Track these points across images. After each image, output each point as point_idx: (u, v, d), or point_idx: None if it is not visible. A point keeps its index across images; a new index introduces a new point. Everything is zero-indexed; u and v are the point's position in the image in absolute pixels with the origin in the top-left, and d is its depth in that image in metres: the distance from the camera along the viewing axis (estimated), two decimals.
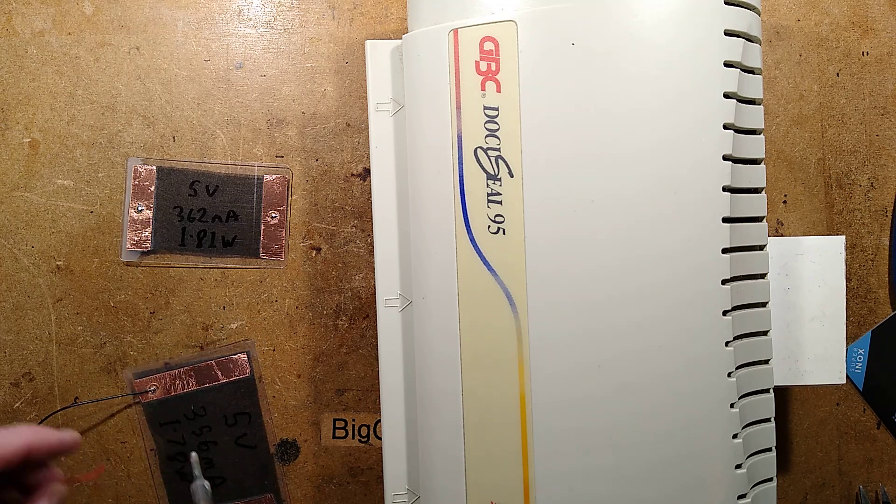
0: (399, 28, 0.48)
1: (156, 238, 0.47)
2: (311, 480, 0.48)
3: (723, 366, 0.37)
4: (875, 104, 0.49)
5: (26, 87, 0.47)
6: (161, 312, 0.48)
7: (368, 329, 0.48)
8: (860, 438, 0.49)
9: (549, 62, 0.37)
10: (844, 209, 0.49)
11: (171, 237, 0.47)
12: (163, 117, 0.48)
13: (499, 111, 0.37)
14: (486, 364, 0.38)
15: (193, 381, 0.47)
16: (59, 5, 0.48)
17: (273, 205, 0.47)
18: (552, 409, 0.37)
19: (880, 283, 0.49)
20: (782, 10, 0.49)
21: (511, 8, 0.37)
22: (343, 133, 0.48)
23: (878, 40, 0.49)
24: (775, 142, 0.49)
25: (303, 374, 0.48)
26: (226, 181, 0.47)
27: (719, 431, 0.37)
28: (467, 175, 0.38)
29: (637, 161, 0.36)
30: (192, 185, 0.47)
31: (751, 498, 0.38)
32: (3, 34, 0.48)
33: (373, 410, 0.48)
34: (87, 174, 0.48)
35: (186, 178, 0.47)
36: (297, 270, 0.48)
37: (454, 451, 0.39)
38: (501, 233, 0.37)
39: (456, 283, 0.38)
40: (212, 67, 0.48)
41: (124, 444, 0.48)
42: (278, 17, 0.48)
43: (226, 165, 0.48)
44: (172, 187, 0.47)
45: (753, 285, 0.39)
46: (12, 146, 0.48)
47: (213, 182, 0.47)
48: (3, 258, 0.47)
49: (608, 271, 0.37)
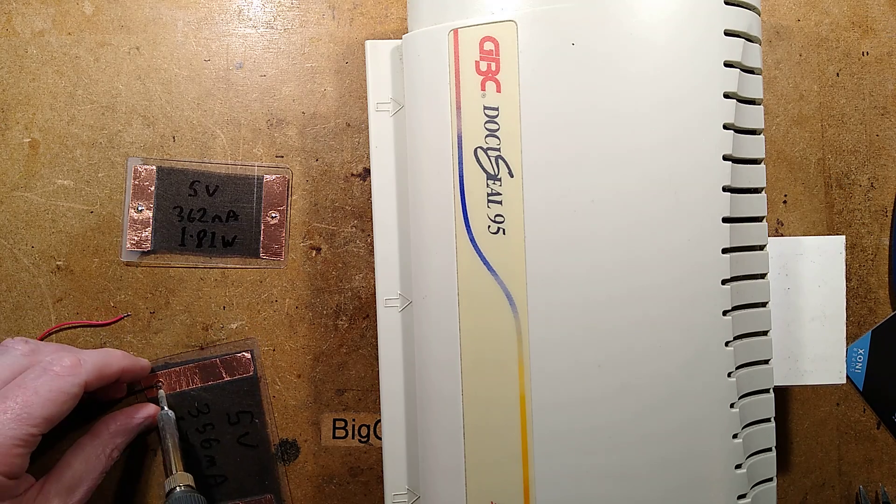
0: (399, 28, 0.48)
1: (156, 238, 0.47)
2: (311, 480, 0.48)
3: (723, 366, 0.37)
4: (875, 104, 0.49)
5: (26, 87, 0.47)
6: (161, 312, 0.48)
7: (368, 329, 0.48)
8: (860, 438, 0.49)
9: (549, 62, 0.37)
10: (844, 209, 0.49)
11: (171, 237, 0.47)
12: (163, 117, 0.48)
13: (499, 111, 0.37)
14: (486, 364, 0.38)
15: (198, 378, 0.47)
16: (59, 5, 0.48)
17: (273, 205, 0.47)
18: (552, 408, 0.37)
19: (880, 283, 0.49)
20: (782, 10, 0.49)
21: (511, 8, 0.37)
22: (343, 133, 0.48)
23: (878, 40, 0.49)
24: (775, 142, 0.49)
25: (303, 374, 0.48)
26: (226, 181, 0.47)
27: (719, 431, 0.37)
28: (467, 175, 0.38)
29: (637, 161, 0.36)
30: (192, 185, 0.47)
31: (751, 498, 0.38)
32: (3, 34, 0.48)
33: (373, 410, 0.48)
34: (87, 174, 0.48)
35: (186, 178, 0.47)
36: (297, 270, 0.48)
37: (454, 450, 0.39)
38: (501, 233, 0.37)
39: (456, 284, 0.38)
40: (212, 67, 0.48)
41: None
42: (278, 17, 0.48)
43: (226, 165, 0.48)
44: (172, 187, 0.47)
45: (753, 285, 0.39)
46: (12, 146, 0.48)
47: (213, 182, 0.47)
48: (3, 258, 0.47)
49: (608, 271, 0.37)
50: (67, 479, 0.40)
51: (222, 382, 0.47)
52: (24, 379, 0.38)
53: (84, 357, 0.40)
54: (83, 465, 0.41)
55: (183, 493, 0.42)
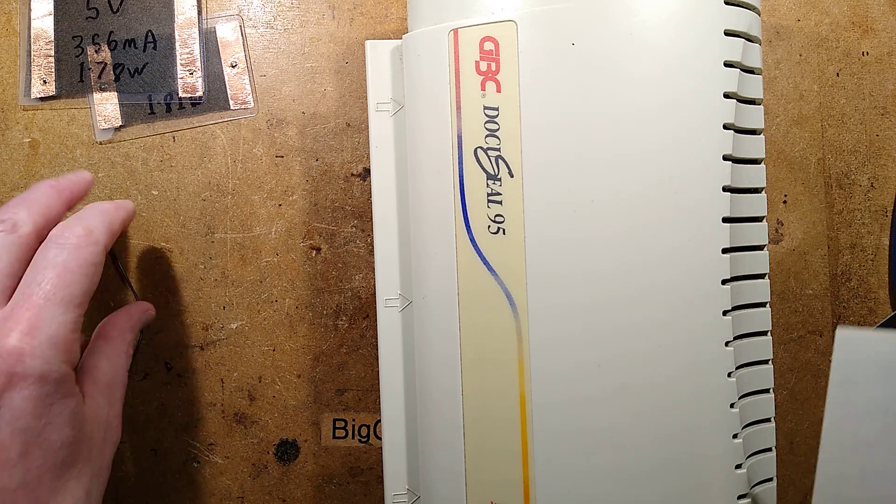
0: (399, 28, 0.48)
1: (123, 112, 0.47)
2: (311, 480, 0.48)
3: (723, 366, 0.37)
4: (875, 104, 0.49)
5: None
6: (161, 312, 0.48)
7: (368, 329, 0.48)
8: None
9: (550, 62, 0.37)
10: (844, 209, 0.49)
11: (139, 109, 0.47)
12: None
13: (499, 111, 0.37)
14: (486, 364, 0.38)
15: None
16: None
17: (231, 53, 0.47)
18: (552, 407, 0.37)
19: (880, 283, 0.49)
20: (782, 10, 0.49)
21: (511, 8, 0.37)
22: (343, 133, 0.48)
23: (878, 40, 0.49)
24: (775, 142, 0.49)
25: (303, 374, 0.48)
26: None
27: (719, 431, 0.37)
28: (467, 175, 0.38)
29: (637, 161, 0.36)
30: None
31: (751, 498, 0.38)
32: (3, 34, 0.48)
33: (373, 410, 0.48)
34: None
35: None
36: (297, 270, 0.48)
37: (454, 450, 0.39)
38: (501, 233, 0.37)
39: (456, 283, 0.38)
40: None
41: (124, 444, 0.48)
42: (278, 17, 0.48)
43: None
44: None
45: (753, 285, 0.39)
46: (12, 146, 0.48)
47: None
48: None
49: (608, 270, 0.37)
50: (103, 381, 0.39)
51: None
52: (45, 260, 0.35)
53: (89, 222, 0.37)
54: (110, 366, 0.40)
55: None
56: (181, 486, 0.48)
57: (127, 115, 0.47)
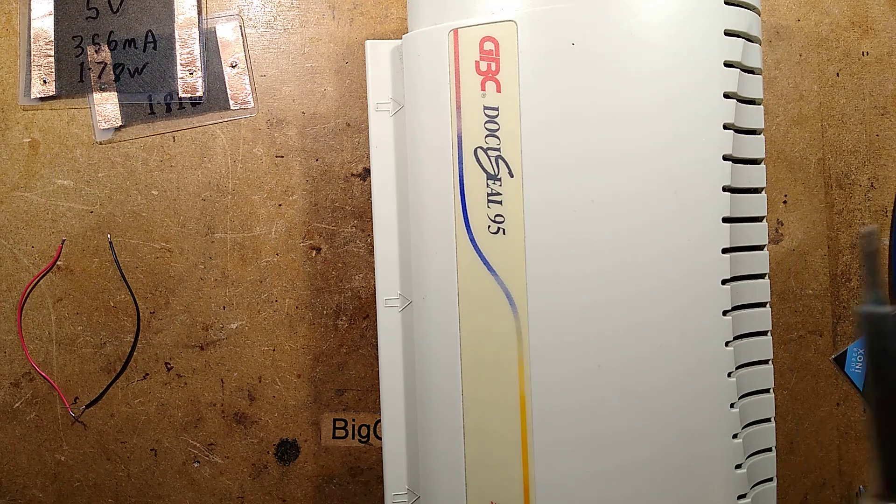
0: (399, 28, 0.48)
1: (123, 111, 0.47)
2: (311, 480, 0.48)
3: (723, 366, 0.37)
4: (875, 104, 0.49)
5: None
6: (161, 312, 0.48)
7: (368, 329, 0.48)
8: (860, 438, 0.49)
9: (549, 62, 0.37)
10: (844, 209, 0.49)
11: (139, 109, 0.47)
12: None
13: (499, 111, 0.37)
14: (486, 364, 0.38)
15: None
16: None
17: (231, 54, 0.47)
18: (552, 407, 0.37)
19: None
20: (782, 10, 0.49)
21: (511, 8, 0.37)
22: (343, 133, 0.48)
23: (878, 40, 0.49)
24: (775, 142, 0.49)
25: (303, 374, 0.48)
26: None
27: (719, 431, 0.37)
28: (467, 175, 0.38)
29: (637, 161, 0.36)
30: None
31: (751, 498, 0.38)
32: (3, 34, 0.48)
33: (373, 410, 0.48)
34: (87, 174, 0.48)
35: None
36: (297, 270, 0.48)
37: (454, 451, 0.39)
38: (501, 233, 0.37)
39: (456, 284, 0.38)
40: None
41: (124, 444, 0.48)
42: (278, 17, 0.48)
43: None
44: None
45: (753, 285, 0.39)
46: (12, 146, 0.48)
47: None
48: (3, 258, 0.47)
49: (608, 270, 0.36)
50: None
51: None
52: None
53: None
54: None
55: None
56: (181, 486, 0.48)
57: (127, 115, 0.47)
